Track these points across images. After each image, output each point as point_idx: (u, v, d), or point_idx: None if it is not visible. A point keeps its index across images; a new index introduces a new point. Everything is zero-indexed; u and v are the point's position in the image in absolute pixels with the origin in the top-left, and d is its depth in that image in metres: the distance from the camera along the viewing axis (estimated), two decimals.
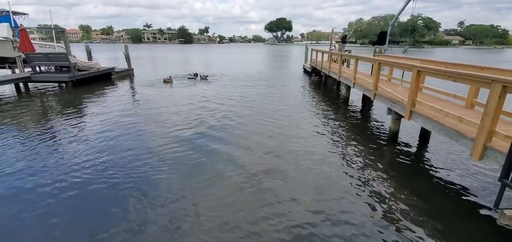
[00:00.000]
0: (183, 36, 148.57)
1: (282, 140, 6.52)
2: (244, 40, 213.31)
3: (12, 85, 12.54)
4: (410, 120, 5.36)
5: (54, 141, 6.39)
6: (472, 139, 3.75)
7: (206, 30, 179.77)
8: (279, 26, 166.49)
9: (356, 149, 6.07)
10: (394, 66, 7.12)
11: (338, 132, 7.23)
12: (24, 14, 20.69)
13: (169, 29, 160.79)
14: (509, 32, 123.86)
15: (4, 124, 7.62)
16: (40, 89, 13.09)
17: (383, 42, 12.68)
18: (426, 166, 5.32)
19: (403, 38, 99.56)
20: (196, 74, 17.32)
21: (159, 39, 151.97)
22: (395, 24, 14.24)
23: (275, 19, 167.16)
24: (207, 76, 17.24)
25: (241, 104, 10.16)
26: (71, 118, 8.22)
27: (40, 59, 13.41)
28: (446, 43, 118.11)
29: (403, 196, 4.21)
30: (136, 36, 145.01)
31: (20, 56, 13.54)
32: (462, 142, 3.99)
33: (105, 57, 35.21)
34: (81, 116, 8.46)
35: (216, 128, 7.36)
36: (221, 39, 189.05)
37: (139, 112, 8.95)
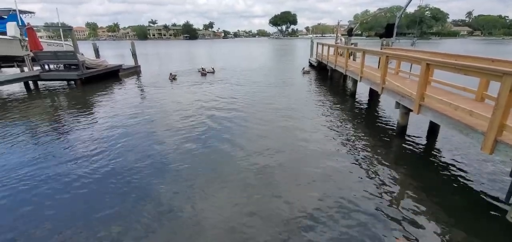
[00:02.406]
0: (188, 32, 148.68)
1: (289, 134, 6.54)
2: (249, 35, 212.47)
3: (22, 83, 12.79)
4: (419, 114, 5.30)
5: (66, 137, 6.53)
6: (482, 133, 3.70)
7: (210, 25, 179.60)
8: (284, 20, 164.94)
9: (364, 143, 6.05)
10: (402, 59, 7.02)
11: (345, 126, 7.20)
12: (31, 12, 20.89)
13: (174, 25, 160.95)
14: None
15: (17, 121, 7.80)
16: (50, 87, 13.29)
17: (391, 34, 12.48)
18: (435, 160, 5.28)
19: (410, 30, 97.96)
20: (203, 69, 17.43)
21: (164, 35, 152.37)
22: (402, 15, 14.00)
23: (279, 13, 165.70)
24: (213, 68, 17.93)
25: (247, 98, 10.19)
26: (81, 115, 8.36)
27: (49, 57, 13.61)
28: (454, 34, 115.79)
29: (412, 190, 4.20)
30: (141, 33, 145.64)
31: (28, 54, 13.75)
32: (473, 135, 3.94)
33: (112, 55, 35.51)
34: (91, 114, 8.59)
35: (223, 122, 7.41)
36: (226, 34, 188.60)
37: (147, 109, 9.05)
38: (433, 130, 6.37)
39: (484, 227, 3.45)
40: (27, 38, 13.69)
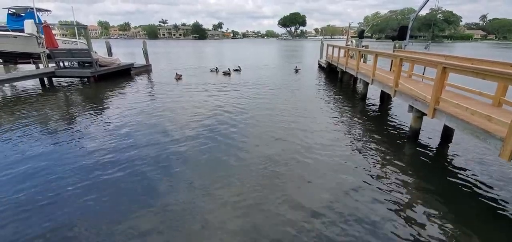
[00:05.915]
0: (197, 32, 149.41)
1: (299, 137, 6.51)
2: (258, 35, 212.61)
3: (37, 79, 13.13)
4: (434, 118, 5.23)
5: (78, 132, 6.67)
6: (501, 139, 3.63)
7: (219, 25, 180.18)
8: (293, 21, 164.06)
9: (376, 147, 5.99)
10: (417, 62, 6.93)
11: (356, 129, 7.15)
12: (47, 10, 21.48)
13: (183, 25, 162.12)
14: None
15: (32, 115, 8.00)
16: (64, 83, 13.59)
17: (404, 37, 12.30)
18: (449, 166, 5.19)
19: (421, 32, 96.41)
20: (228, 69, 17.37)
21: (174, 34, 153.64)
22: (415, 18, 13.81)
23: (288, 14, 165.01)
24: (239, 66, 18.39)
25: (256, 99, 10.21)
26: (94, 111, 8.54)
27: (64, 55, 13.92)
28: (467, 37, 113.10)
29: (425, 196, 4.14)
30: (152, 32, 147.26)
31: (44, 52, 14.11)
32: (490, 141, 3.87)
33: (123, 53, 36.06)
34: (104, 110, 8.77)
35: (231, 122, 7.45)
36: (235, 35, 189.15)
37: (158, 107, 9.16)
38: (446, 134, 6.27)
39: (500, 235, 3.38)
40: (43, 36, 14.06)
